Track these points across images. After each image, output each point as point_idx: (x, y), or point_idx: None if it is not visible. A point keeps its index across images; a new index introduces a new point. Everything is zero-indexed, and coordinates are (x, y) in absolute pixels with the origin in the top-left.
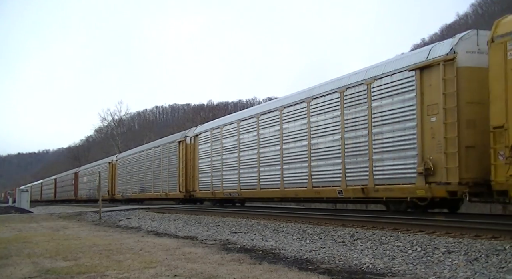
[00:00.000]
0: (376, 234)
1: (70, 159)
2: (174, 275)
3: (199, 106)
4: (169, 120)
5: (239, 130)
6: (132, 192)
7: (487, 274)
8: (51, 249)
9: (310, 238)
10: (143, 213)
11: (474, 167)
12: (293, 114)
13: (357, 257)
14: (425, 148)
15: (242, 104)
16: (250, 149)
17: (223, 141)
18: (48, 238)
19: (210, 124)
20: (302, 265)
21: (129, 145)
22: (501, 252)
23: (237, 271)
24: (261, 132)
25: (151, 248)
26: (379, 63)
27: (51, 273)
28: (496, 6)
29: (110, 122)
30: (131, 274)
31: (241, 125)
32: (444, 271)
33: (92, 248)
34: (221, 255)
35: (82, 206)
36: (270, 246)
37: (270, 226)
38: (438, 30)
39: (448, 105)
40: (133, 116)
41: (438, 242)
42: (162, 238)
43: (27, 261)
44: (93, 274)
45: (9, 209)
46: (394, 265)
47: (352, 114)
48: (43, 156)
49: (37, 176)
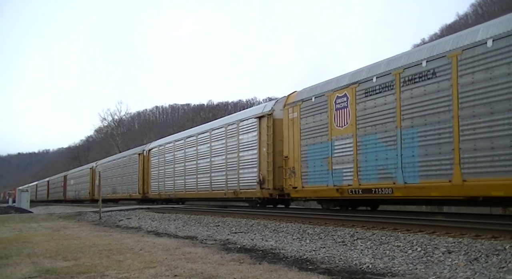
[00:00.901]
0: (376, 234)
1: (70, 159)
2: (174, 275)
3: (199, 106)
4: (169, 120)
5: (174, 148)
6: (107, 193)
7: (487, 274)
8: (51, 249)
9: (310, 238)
10: (143, 213)
11: (281, 179)
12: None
13: (357, 257)
14: (261, 167)
15: (242, 104)
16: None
17: (165, 156)
18: (48, 238)
19: (158, 141)
20: (302, 265)
21: (129, 144)
22: (501, 252)
23: (237, 271)
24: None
25: (151, 248)
26: (242, 112)
27: (51, 273)
28: (496, 6)
29: (110, 122)
30: (131, 274)
31: (176, 144)
32: (444, 271)
33: (92, 248)
34: (221, 255)
35: (82, 206)
36: (270, 246)
37: (270, 226)
38: (438, 30)
39: (269, 141)
40: (133, 116)
41: (438, 242)
42: (162, 238)
43: (27, 261)
44: (93, 274)
45: (9, 209)
46: (394, 265)
47: (230, 142)
48: (43, 156)
49: (37, 176)
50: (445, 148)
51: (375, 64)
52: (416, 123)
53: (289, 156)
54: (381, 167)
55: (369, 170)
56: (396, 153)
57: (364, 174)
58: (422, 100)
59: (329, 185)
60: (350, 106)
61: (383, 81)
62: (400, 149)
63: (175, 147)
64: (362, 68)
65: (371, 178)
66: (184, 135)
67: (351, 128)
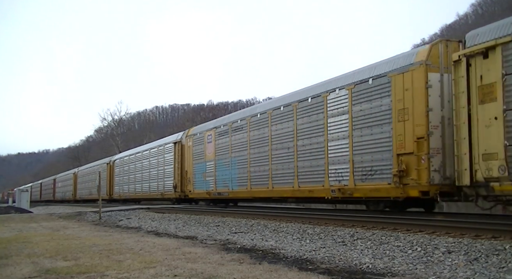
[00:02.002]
0: (376, 234)
1: (70, 159)
2: (174, 275)
3: (199, 106)
4: (169, 120)
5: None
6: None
7: (487, 274)
8: (51, 249)
9: (310, 238)
10: (143, 213)
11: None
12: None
13: (357, 257)
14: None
15: (242, 104)
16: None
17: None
18: (48, 238)
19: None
20: (302, 265)
21: (129, 144)
22: (501, 252)
23: (237, 271)
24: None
25: (151, 248)
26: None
27: (51, 273)
28: (496, 6)
29: (110, 122)
30: (131, 274)
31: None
32: (444, 271)
33: (92, 248)
34: (221, 255)
35: (82, 206)
36: (270, 246)
37: (270, 226)
38: (438, 30)
39: (178, 160)
40: (133, 116)
41: (438, 242)
42: (162, 238)
43: (27, 261)
44: (93, 274)
45: (9, 209)
46: (394, 265)
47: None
48: (43, 156)
49: (37, 176)
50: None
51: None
52: (234, 155)
53: (188, 170)
54: (224, 179)
55: (219, 181)
56: (229, 171)
57: (218, 183)
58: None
59: (204, 190)
60: (214, 141)
61: (227, 128)
62: (230, 168)
63: (129, 159)
64: (223, 118)
65: (220, 186)
66: (135, 151)
67: (214, 155)
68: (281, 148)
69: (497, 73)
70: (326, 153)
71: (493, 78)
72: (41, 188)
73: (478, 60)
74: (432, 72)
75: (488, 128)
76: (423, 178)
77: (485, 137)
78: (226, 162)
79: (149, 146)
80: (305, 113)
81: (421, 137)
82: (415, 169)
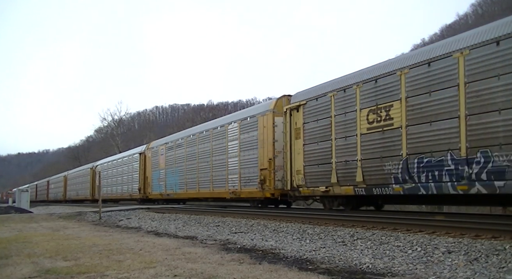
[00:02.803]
0: (376, 234)
1: (70, 159)
2: (174, 275)
3: (199, 106)
4: (169, 120)
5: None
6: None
7: (487, 274)
8: (51, 249)
9: (310, 238)
10: (143, 213)
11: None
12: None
13: (357, 257)
14: (139, 181)
15: (242, 104)
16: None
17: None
18: (48, 238)
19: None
20: (302, 265)
21: (129, 144)
22: (501, 252)
23: (237, 271)
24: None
25: (151, 248)
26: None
27: (51, 273)
28: (496, 6)
29: (110, 122)
30: (131, 274)
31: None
32: (444, 271)
33: (92, 248)
34: (221, 255)
35: (82, 206)
36: (270, 246)
37: (270, 226)
38: (438, 30)
39: (143, 168)
40: (133, 116)
41: (438, 242)
42: (162, 238)
43: (27, 261)
44: (93, 274)
45: (9, 209)
46: (394, 265)
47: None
48: (43, 156)
49: (37, 176)
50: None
51: (173, 135)
52: (177, 166)
53: (148, 176)
54: (171, 184)
55: (168, 185)
56: (174, 178)
57: (167, 187)
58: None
59: (158, 192)
60: (165, 154)
61: (172, 145)
62: (175, 176)
63: (107, 166)
64: (172, 136)
65: (169, 189)
66: (112, 159)
67: (164, 165)
68: (204, 162)
69: (301, 121)
70: (226, 167)
71: (299, 124)
72: (36, 190)
73: (294, 112)
74: (277, 116)
75: (298, 155)
76: (272, 185)
77: (296, 160)
78: (172, 170)
79: (122, 155)
80: (217, 137)
81: (271, 159)
82: (268, 179)
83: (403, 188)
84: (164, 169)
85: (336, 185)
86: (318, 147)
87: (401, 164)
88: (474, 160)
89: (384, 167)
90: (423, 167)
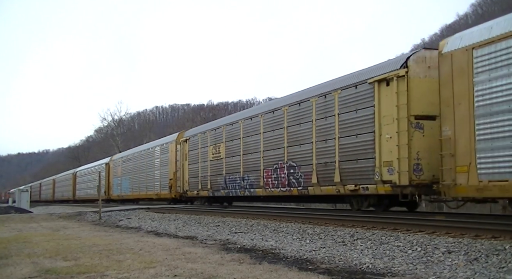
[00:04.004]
0: (376, 234)
1: (70, 159)
2: (174, 275)
3: (199, 106)
4: (169, 120)
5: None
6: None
7: (487, 274)
8: (51, 249)
9: (310, 238)
10: (143, 213)
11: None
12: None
13: (357, 257)
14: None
15: (242, 104)
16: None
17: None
18: (48, 238)
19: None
20: (302, 265)
21: (129, 144)
22: (501, 252)
23: (237, 271)
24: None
25: (151, 248)
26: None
27: (51, 273)
28: (496, 6)
29: (110, 122)
30: (131, 274)
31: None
32: (444, 271)
33: (92, 248)
34: (221, 255)
35: (82, 206)
36: (270, 246)
37: (270, 226)
38: (438, 30)
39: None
40: (133, 116)
41: (438, 242)
42: (162, 238)
43: (27, 261)
44: (93, 274)
45: (9, 209)
46: (394, 265)
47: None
48: (43, 156)
49: (37, 176)
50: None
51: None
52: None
53: (110, 182)
54: (124, 188)
55: (122, 189)
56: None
57: (122, 190)
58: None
59: (116, 194)
60: (121, 166)
61: (125, 159)
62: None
63: (82, 173)
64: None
65: (123, 192)
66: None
67: (120, 174)
68: (142, 173)
69: (187, 149)
70: (153, 177)
71: (186, 151)
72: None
73: (184, 143)
74: (178, 144)
75: (186, 171)
76: (175, 190)
77: (185, 174)
78: (125, 178)
79: (94, 164)
80: (149, 156)
81: (174, 172)
82: (173, 186)
83: (224, 192)
84: (120, 177)
85: (201, 190)
86: (195, 166)
87: (222, 179)
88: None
89: (217, 180)
90: (230, 181)
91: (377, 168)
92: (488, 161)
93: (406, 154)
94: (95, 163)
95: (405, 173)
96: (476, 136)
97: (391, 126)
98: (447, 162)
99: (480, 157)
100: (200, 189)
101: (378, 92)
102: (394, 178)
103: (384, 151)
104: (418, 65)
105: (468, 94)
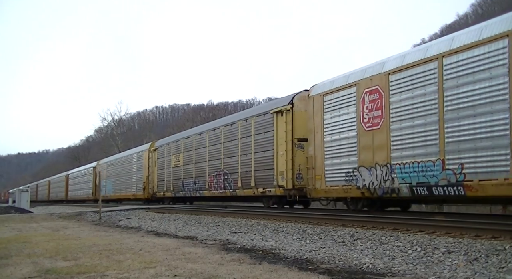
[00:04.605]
0: (376, 234)
1: (70, 159)
2: (174, 275)
3: (199, 106)
4: (169, 120)
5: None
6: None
7: (487, 274)
8: (51, 249)
9: (310, 238)
10: (143, 213)
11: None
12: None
13: (357, 257)
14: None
15: (242, 104)
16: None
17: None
18: (48, 238)
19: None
20: (302, 265)
21: (129, 145)
22: (501, 252)
23: (237, 271)
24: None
25: (151, 248)
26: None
27: (51, 273)
28: (496, 6)
29: (110, 122)
30: (131, 274)
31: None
32: (444, 271)
33: (92, 248)
34: (221, 255)
35: (82, 206)
36: (270, 246)
37: (270, 226)
38: (438, 30)
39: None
40: (133, 116)
41: (438, 242)
42: (162, 238)
43: (27, 261)
44: (93, 274)
45: (9, 209)
46: (394, 265)
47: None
48: (43, 156)
49: (37, 176)
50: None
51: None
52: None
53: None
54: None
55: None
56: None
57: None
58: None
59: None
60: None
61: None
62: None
63: (74, 175)
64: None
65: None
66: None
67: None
68: (122, 176)
69: (156, 157)
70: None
71: (155, 158)
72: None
73: (154, 151)
74: (150, 152)
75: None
76: (147, 191)
77: (155, 178)
78: (109, 181)
79: (83, 167)
80: (128, 162)
81: (147, 176)
82: (146, 188)
83: (182, 193)
84: (105, 179)
85: (166, 192)
86: (162, 172)
87: (181, 183)
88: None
89: (178, 183)
90: (186, 184)
91: (275, 176)
92: (329, 173)
93: (291, 166)
94: (84, 167)
95: (290, 180)
96: (325, 156)
97: (283, 146)
98: (310, 172)
99: (327, 169)
100: (166, 191)
101: (276, 121)
102: (284, 183)
103: (279, 164)
104: (300, 102)
105: (321, 126)
